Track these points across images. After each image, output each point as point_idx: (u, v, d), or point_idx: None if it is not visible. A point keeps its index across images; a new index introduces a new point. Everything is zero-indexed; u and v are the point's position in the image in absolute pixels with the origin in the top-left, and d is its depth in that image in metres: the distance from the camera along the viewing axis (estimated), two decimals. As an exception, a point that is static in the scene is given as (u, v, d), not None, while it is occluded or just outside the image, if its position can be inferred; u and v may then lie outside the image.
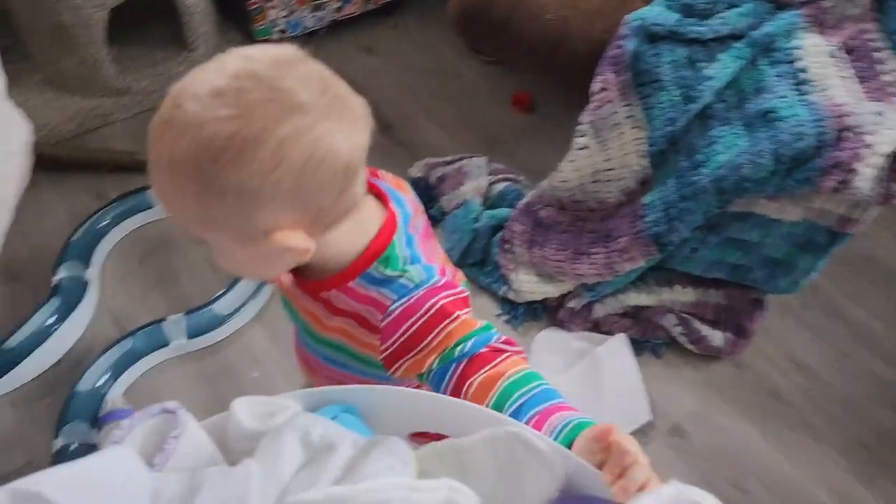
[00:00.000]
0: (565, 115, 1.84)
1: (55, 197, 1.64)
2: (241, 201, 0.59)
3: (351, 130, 0.60)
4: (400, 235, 0.70)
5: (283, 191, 0.58)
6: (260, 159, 0.56)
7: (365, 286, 0.68)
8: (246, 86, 0.57)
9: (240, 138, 0.56)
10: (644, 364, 1.43)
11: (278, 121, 0.56)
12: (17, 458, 1.24)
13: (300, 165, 0.57)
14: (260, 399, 0.58)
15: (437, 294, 0.67)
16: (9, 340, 1.32)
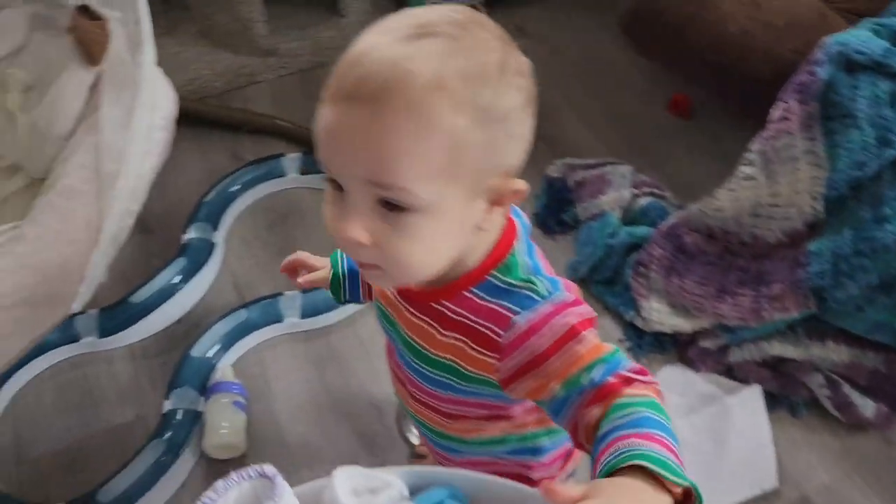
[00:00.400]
0: (727, 127, 1.69)
1: (194, 153, 1.66)
2: (501, 132, 0.57)
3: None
4: (521, 243, 0.65)
5: (518, 127, 0.58)
6: (515, 85, 0.57)
7: (484, 297, 0.63)
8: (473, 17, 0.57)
9: (494, 63, 0.55)
10: (777, 422, 1.29)
11: (506, 46, 0.57)
12: (128, 411, 1.28)
13: (525, 102, 0.58)
14: (363, 472, 0.53)
15: (566, 310, 0.60)
16: (135, 294, 1.35)
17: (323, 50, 1.82)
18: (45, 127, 0.96)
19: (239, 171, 1.55)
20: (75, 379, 1.31)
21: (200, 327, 1.35)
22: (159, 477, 1.15)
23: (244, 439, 1.22)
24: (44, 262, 0.75)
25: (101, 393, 1.30)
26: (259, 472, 0.50)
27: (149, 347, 1.35)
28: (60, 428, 1.25)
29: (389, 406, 1.29)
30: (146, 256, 1.48)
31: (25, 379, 1.29)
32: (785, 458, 1.25)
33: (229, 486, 0.48)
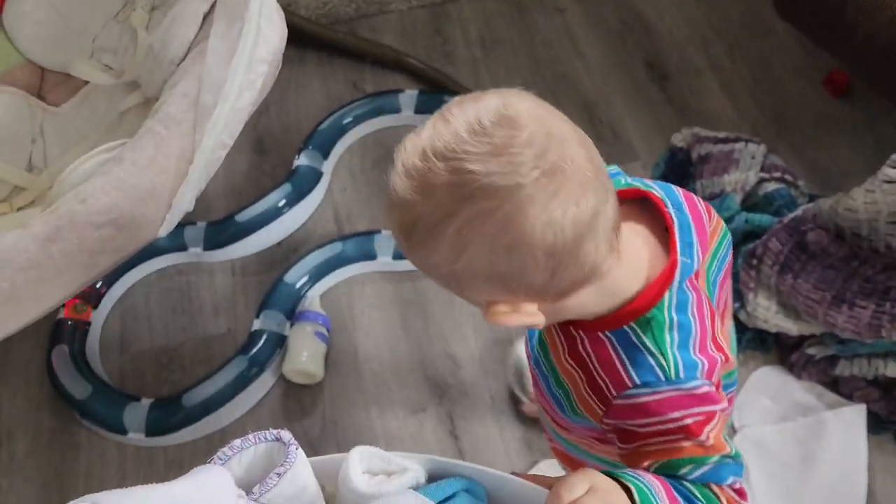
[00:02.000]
0: (885, 114, 1.50)
1: (316, 77, 1.67)
2: (447, 281, 0.57)
3: (559, 204, 0.50)
4: (672, 295, 0.60)
5: (476, 278, 0.54)
6: (445, 250, 0.53)
7: (616, 347, 0.60)
8: (432, 168, 0.51)
9: (423, 224, 0.53)
10: (878, 448, 1.18)
11: (461, 205, 0.50)
12: (221, 323, 1.35)
13: (486, 253, 0.52)
14: (380, 453, 0.53)
15: (686, 407, 0.57)
16: (241, 213, 1.40)
17: (458, -16, 1.77)
18: (159, 49, 0.99)
19: (355, 103, 1.55)
20: (179, 285, 1.39)
21: (298, 253, 1.39)
22: (239, 391, 1.22)
23: (322, 369, 1.26)
24: (135, 188, 0.78)
25: (199, 302, 1.37)
26: (276, 436, 0.50)
27: (248, 265, 1.41)
28: (160, 328, 1.34)
29: (466, 360, 1.29)
30: (258, 175, 1.53)
31: (135, 279, 1.38)
32: (879, 487, 1.15)
33: (245, 446, 0.49)
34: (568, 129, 0.53)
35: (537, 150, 0.50)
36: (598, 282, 0.56)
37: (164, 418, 1.19)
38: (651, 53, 1.68)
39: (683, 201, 0.65)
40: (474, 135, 0.50)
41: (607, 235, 0.54)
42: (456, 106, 0.53)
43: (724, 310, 0.71)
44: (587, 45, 1.70)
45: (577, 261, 0.53)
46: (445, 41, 1.73)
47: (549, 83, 1.63)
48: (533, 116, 0.51)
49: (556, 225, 0.50)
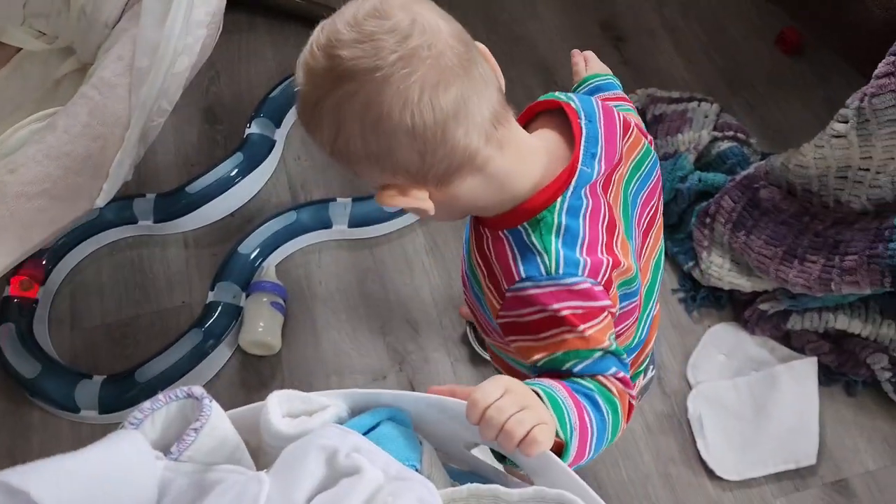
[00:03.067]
0: (836, 71, 1.52)
1: (268, 44, 1.63)
2: (338, 160, 0.61)
3: (415, 87, 0.55)
4: (565, 200, 0.63)
5: (355, 155, 0.59)
6: (325, 128, 0.58)
7: (510, 243, 0.64)
8: (314, 56, 0.58)
9: (307, 105, 0.59)
10: (828, 399, 1.21)
11: (332, 86, 0.56)
12: (176, 297, 1.32)
13: (357, 131, 0.57)
14: (299, 395, 0.52)
15: (564, 300, 0.61)
16: (192, 184, 1.37)
17: (410, -55, 1.73)
18: (92, 12, 0.95)
19: None
20: (130, 259, 1.36)
21: (252, 223, 1.37)
22: (195, 364, 1.20)
23: (279, 339, 1.25)
24: (68, 156, 0.75)
25: (152, 276, 1.34)
26: (187, 392, 0.49)
27: (201, 237, 1.38)
28: (112, 303, 1.31)
29: (425, 326, 1.28)
30: (210, 144, 1.50)
31: (84, 253, 1.34)
32: (830, 437, 1.18)
33: (156, 407, 0.48)
34: (441, 23, 0.57)
35: (399, 36, 0.55)
36: (478, 172, 0.61)
37: (118, 395, 1.17)
38: (606, 14, 1.66)
39: (600, 114, 0.68)
40: (348, 26, 0.56)
41: (482, 125, 0.58)
42: (345, 5, 0.58)
43: (650, 228, 0.75)
44: (543, 7, 1.68)
45: (444, 145, 0.57)
46: (398, 4, 1.69)
47: (505, 45, 1.62)
48: (405, 8, 0.56)
49: (411, 105, 0.55)
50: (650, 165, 0.73)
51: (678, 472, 1.16)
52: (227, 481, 0.45)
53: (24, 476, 0.39)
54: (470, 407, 0.51)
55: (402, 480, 0.45)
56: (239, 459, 0.48)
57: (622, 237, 0.67)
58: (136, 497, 0.43)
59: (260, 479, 0.45)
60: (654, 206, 0.75)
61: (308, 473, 0.45)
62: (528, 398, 0.53)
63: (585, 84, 0.84)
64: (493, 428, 0.50)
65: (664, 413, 1.21)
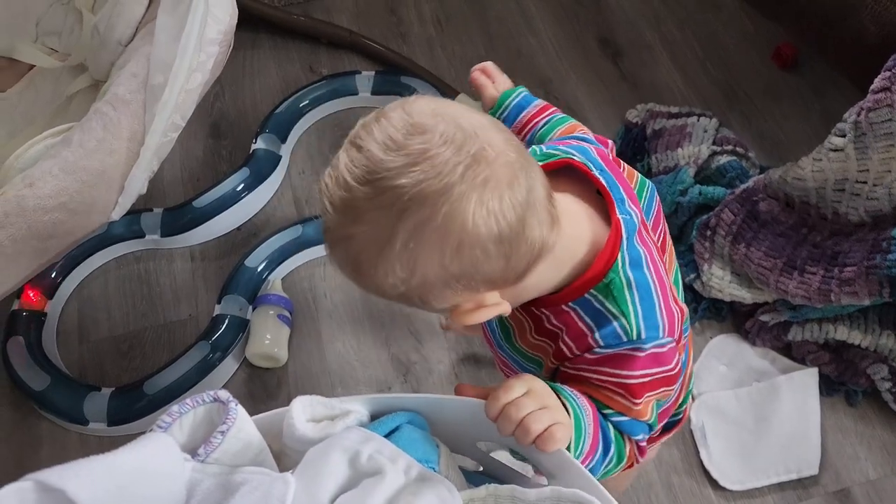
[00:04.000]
0: (832, 85, 1.54)
1: (272, 61, 1.66)
2: (409, 299, 0.55)
3: (493, 192, 0.50)
4: (624, 254, 0.60)
5: (434, 285, 0.53)
6: (397, 269, 0.51)
7: (580, 315, 0.61)
8: (358, 195, 0.50)
9: (366, 252, 0.52)
10: (829, 409, 1.23)
11: (397, 222, 0.50)
12: (183, 309, 1.34)
13: (437, 259, 0.51)
14: (322, 400, 0.53)
15: (642, 369, 0.59)
16: (198, 199, 1.38)
17: (412, -37, 1.76)
18: (105, 30, 0.97)
19: (311, 86, 1.54)
20: (137, 273, 1.37)
21: (258, 237, 1.38)
22: (203, 376, 1.21)
23: (286, 351, 1.26)
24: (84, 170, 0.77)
25: (159, 289, 1.36)
26: (214, 397, 0.50)
27: (208, 251, 1.40)
28: (119, 316, 1.33)
29: (428, 336, 1.30)
30: (216, 160, 1.51)
31: (92, 267, 1.36)
32: (831, 446, 1.19)
33: (184, 411, 0.49)
34: (477, 117, 0.53)
35: (454, 146, 0.50)
36: (548, 255, 0.56)
37: (126, 407, 1.18)
38: (604, 30, 1.69)
39: (601, 161, 0.65)
40: (390, 151, 0.49)
41: (545, 208, 0.55)
42: (362, 129, 0.52)
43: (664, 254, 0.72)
44: (541, 22, 1.71)
45: (526, 240, 0.53)
46: (400, 21, 1.72)
47: (504, 60, 1.62)
48: (440, 116, 0.51)
49: (496, 213, 0.50)
50: (649, 192, 0.71)
51: (681, 481, 1.17)
52: (252, 482, 0.47)
53: (60, 475, 0.41)
54: (490, 401, 0.52)
55: (422, 481, 0.47)
56: (263, 462, 0.49)
57: (671, 276, 0.65)
58: (165, 497, 0.44)
59: (286, 480, 0.46)
60: (663, 230, 0.73)
61: (331, 474, 0.46)
62: (549, 399, 0.53)
63: (504, 106, 0.78)
64: (511, 422, 0.51)
65: (667, 423, 1.22)
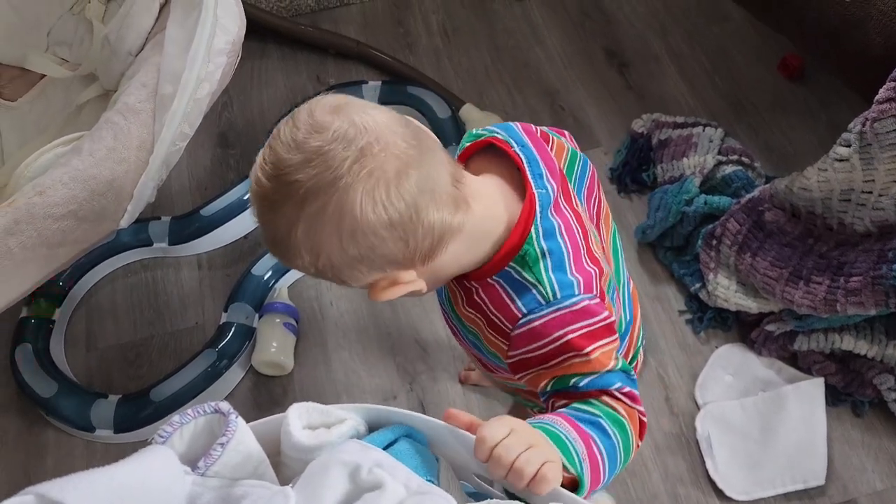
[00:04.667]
0: (837, 96, 1.54)
1: (279, 71, 1.67)
2: (324, 276, 0.61)
3: (379, 183, 0.56)
4: (538, 227, 0.65)
5: (340, 266, 0.59)
6: (303, 253, 0.58)
7: (505, 287, 0.66)
8: (268, 189, 0.57)
9: (278, 237, 0.58)
10: (836, 419, 1.22)
11: (299, 211, 0.56)
12: (189, 317, 1.34)
13: (336, 244, 0.57)
14: (318, 407, 0.54)
15: (569, 324, 0.63)
16: (206, 207, 1.39)
17: (419, -25, 1.77)
18: (116, 41, 0.99)
19: (320, 94, 1.54)
20: (145, 280, 1.38)
21: (264, 246, 1.39)
22: (209, 384, 1.21)
23: (292, 359, 1.26)
24: (94, 179, 0.78)
25: (166, 297, 1.37)
26: (214, 408, 0.50)
27: (215, 259, 1.41)
28: (127, 324, 1.34)
29: (434, 346, 1.30)
30: (223, 169, 1.53)
31: (101, 275, 1.37)
32: (838, 457, 1.19)
33: (184, 422, 0.49)
34: (376, 114, 0.58)
35: (344, 142, 0.55)
36: (458, 236, 0.61)
37: (133, 414, 1.19)
38: (611, 41, 1.70)
39: (525, 137, 0.69)
40: (291, 150, 0.56)
41: (447, 193, 0.59)
42: (277, 131, 0.58)
43: (599, 219, 0.78)
44: (547, 34, 1.72)
45: (422, 224, 0.58)
46: (407, 32, 1.73)
47: (510, 71, 1.65)
48: (337, 114, 0.56)
49: (383, 201, 0.56)
50: (581, 164, 0.76)
51: (687, 492, 1.17)
52: (253, 495, 0.47)
53: (61, 488, 0.41)
54: (478, 444, 0.52)
55: (423, 494, 0.47)
56: (263, 474, 0.50)
57: (594, 238, 0.70)
58: (166, 510, 0.44)
59: (286, 494, 0.46)
60: (597, 197, 0.78)
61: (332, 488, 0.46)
62: (533, 437, 0.53)
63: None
64: (503, 467, 0.51)
65: (672, 433, 1.22)
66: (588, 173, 0.76)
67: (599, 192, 0.79)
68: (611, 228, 0.81)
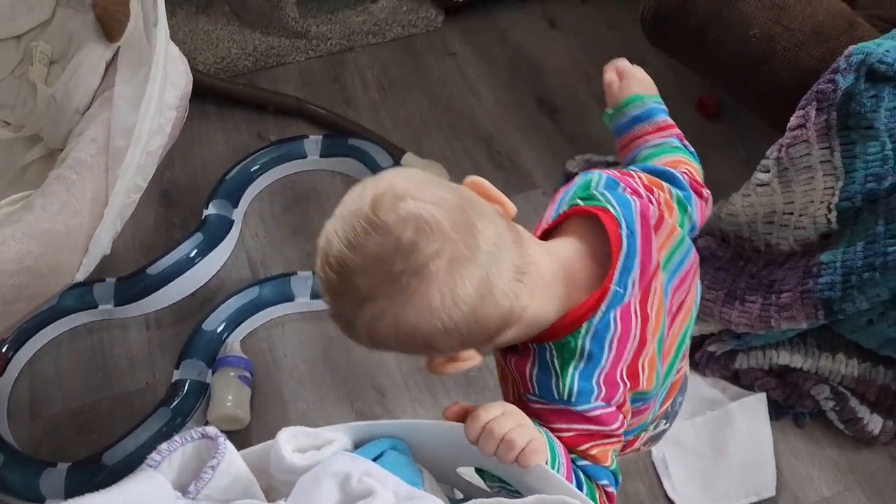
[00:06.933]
0: (753, 130, 1.65)
1: (220, 130, 1.69)
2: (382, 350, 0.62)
3: (438, 290, 0.55)
4: (592, 325, 0.63)
5: (398, 352, 0.60)
6: (364, 341, 0.59)
7: (532, 358, 0.65)
8: (331, 279, 0.57)
9: (341, 319, 0.60)
10: (780, 432, 1.27)
11: (358, 310, 0.57)
12: (140, 377, 1.32)
13: (394, 341, 0.58)
14: (306, 431, 0.55)
15: (571, 423, 0.63)
16: (152, 266, 1.38)
17: (353, 34, 1.84)
18: (62, 100, 0.99)
19: (261, 151, 1.57)
20: (91, 344, 1.35)
21: (214, 301, 1.38)
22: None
23: (248, 413, 1.25)
24: (48, 233, 0.78)
25: (114, 359, 1.34)
26: (202, 433, 0.51)
27: (163, 318, 1.39)
28: (73, 389, 1.30)
29: (392, 389, 1.31)
30: (167, 228, 1.52)
31: (44, 341, 1.33)
32: (786, 468, 1.24)
33: (173, 448, 0.50)
34: (436, 211, 0.56)
35: (403, 254, 0.55)
36: (514, 326, 0.61)
37: (86, 480, 1.15)
38: (540, 89, 1.78)
39: (638, 224, 0.66)
40: (352, 248, 0.56)
41: (508, 291, 0.58)
42: (346, 202, 0.59)
43: (679, 311, 0.74)
44: (480, 84, 1.79)
45: (480, 324, 0.58)
46: (344, 88, 1.78)
47: (447, 120, 1.71)
48: (401, 214, 0.55)
49: (437, 312, 0.55)
50: (684, 252, 0.72)
51: (648, 513, 1.19)
52: None
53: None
54: (471, 420, 0.54)
55: (412, 500, 0.48)
56: (253, 495, 0.50)
57: (651, 354, 0.67)
58: (160, 533, 0.45)
59: None
60: (688, 288, 0.74)
61: (324, 499, 0.47)
62: (524, 418, 0.56)
63: (622, 111, 0.81)
64: (494, 440, 0.53)
65: (630, 458, 1.25)
66: (686, 263, 0.73)
67: (692, 283, 0.75)
68: (689, 319, 0.77)
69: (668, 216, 0.71)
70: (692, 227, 0.76)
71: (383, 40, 1.87)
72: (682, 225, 0.73)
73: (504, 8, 1.92)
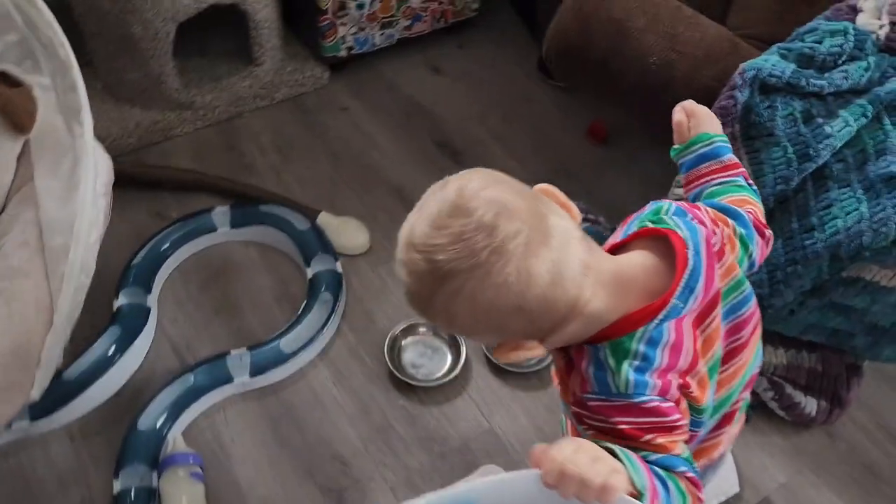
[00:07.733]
0: (640, 147, 1.76)
1: (115, 216, 1.56)
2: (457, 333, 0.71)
3: (515, 267, 0.60)
4: (647, 331, 0.66)
5: (470, 333, 0.67)
6: (439, 318, 0.66)
7: (589, 358, 0.68)
8: (413, 258, 0.63)
9: (418, 300, 0.66)
10: (730, 429, 1.34)
11: (438, 286, 0.62)
12: (73, 496, 1.19)
13: (469, 317, 0.63)
14: None
15: (629, 416, 0.64)
16: (68, 371, 1.26)
17: (240, 100, 1.79)
18: (-26, 203, 0.90)
19: (167, 230, 1.48)
20: (9, 469, 1.21)
21: (143, 397, 1.28)
22: (116, 564, 1.08)
23: (205, 511, 1.16)
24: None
25: (39, 482, 1.20)
26: None
27: (88, 425, 1.27)
28: (-3, 525, 1.15)
29: (353, 457, 1.26)
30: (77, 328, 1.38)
31: (-48, 475, 1.18)
32: (742, 463, 1.30)
33: None
34: (518, 202, 0.62)
35: (486, 232, 0.60)
36: (578, 319, 0.65)
37: None
38: (438, 134, 1.81)
39: (703, 247, 0.70)
40: (437, 229, 0.61)
41: (575, 279, 0.63)
42: (428, 196, 0.66)
43: (731, 359, 0.77)
44: (380, 137, 1.79)
45: (549, 308, 0.63)
46: (242, 154, 1.73)
47: (354, 175, 1.70)
48: (483, 199, 0.62)
49: (513, 289, 0.61)
50: (742, 297, 0.75)
51: (628, 532, 1.21)
52: None
53: None
54: (548, 463, 0.53)
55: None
56: None
57: (702, 375, 0.70)
58: None
59: None
60: (744, 343, 0.77)
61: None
62: (598, 451, 0.56)
63: (690, 148, 0.85)
64: (572, 481, 0.52)
65: (599, 481, 1.27)
66: (744, 310, 0.76)
67: (750, 338, 0.78)
68: (740, 376, 0.79)
69: (730, 252, 0.75)
70: (751, 264, 0.81)
71: (272, 102, 1.84)
72: (741, 262, 0.77)
73: (387, 60, 1.94)
